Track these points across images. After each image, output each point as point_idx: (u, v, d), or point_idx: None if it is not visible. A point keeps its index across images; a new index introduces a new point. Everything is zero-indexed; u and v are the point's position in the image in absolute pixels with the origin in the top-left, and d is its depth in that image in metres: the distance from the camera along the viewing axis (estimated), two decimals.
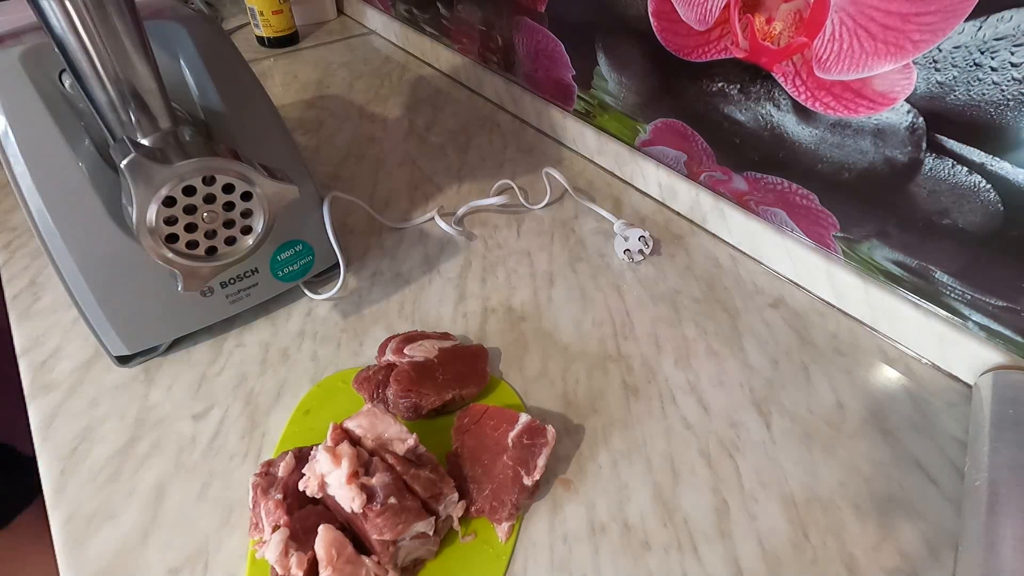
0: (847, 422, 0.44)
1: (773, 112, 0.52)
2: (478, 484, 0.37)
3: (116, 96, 0.37)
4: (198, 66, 0.47)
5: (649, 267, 0.58)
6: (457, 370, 0.44)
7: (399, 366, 0.43)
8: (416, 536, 0.33)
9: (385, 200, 0.66)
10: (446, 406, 0.43)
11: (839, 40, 0.44)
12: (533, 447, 0.38)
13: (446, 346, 0.46)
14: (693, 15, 0.54)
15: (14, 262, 0.56)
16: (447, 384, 0.43)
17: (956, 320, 0.47)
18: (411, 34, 1.00)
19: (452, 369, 0.44)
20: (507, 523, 0.36)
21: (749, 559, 0.36)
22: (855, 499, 0.40)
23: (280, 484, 0.35)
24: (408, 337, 0.46)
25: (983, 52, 0.38)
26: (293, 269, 0.50)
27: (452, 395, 0.42)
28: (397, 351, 0.45)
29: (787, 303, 0.54)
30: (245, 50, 0.68)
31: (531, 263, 0.58)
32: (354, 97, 0.88)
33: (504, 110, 0.85)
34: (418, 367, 0.43)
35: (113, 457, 0.41)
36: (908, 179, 0.45)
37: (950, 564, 0.36)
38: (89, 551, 0.36)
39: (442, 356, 0.44)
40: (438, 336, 0.47)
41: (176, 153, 0.36)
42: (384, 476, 0.34)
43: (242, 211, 0.40)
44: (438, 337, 0.47)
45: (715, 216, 0.61)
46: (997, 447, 0.38)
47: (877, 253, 0.50)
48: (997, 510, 0.35)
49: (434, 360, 0.44)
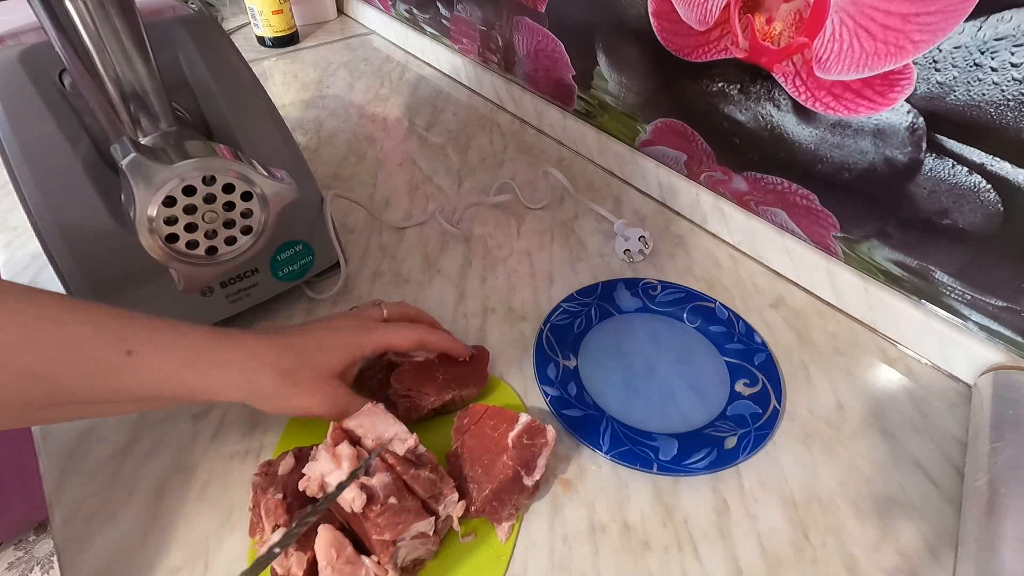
0: (847, 422, 0.44)
1: (773, 112, 0.52)
2: (478, 484, 0.37)
3: (116, 96, 0.37)
4: (198, 66, 0.47)
5: (649, 267, 0.58)
6: (458, 371, 0.44)
7: (400, 365, 0.43)
8: (416, 536, 0.33)
9: (385, 200, 0.67)
10: (446, 406, 0.43)
11: (839, 40, 0.44)
12: (533, 447, 0.38)
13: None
14: (693, 15, 0.54)
15: (14, 262, 0.56)
16: (447, 384, 0.43)
17: (956, 320, 0.47)
18: (411, 34, 1.00)
19: (453, 370, 0.44)
20: (507, 523, 0.36)
21: (749, 559, 0.36)
22: (855, 499, 0.40)
23: (280, 484, 0.35)
24: None
25: (983, 52, 0.38)
26: (293, 269, 0.50)
27: (452, 395, 0.42)
28: (398, 353, 0.45)
29: (787, 303, 0.54)
30: (245, 50, 0.68)
31: (531, 263, 0.58)
32: (354, 97, 0.88)
33: (504, 110, 0.85)
34: (419, 367, 0.43)
35: (113, 457, 0.41)
36: (908, 179, 0.45)
37: (950, 564, 0.36)
38: (89, 551, 0.36)
39: (443, 356, 0.44)
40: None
41: (176, 153, 0.36)
42: (384, 476, 0.34)
43: (242, 211, 0.40)
44: None
45: (715, 216, 0.61)
46: (997, 447, 0.38)
47: (877, 253, 0.50)
48: (997, 510, 0.35)
49: (435, 360, 0.44)
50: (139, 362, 0.31)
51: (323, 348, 0.38)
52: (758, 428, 0.43)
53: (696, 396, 0.46)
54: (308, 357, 0.37)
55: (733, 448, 0.41)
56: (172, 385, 0.32)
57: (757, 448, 0.41)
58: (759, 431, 0.42)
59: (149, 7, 0.49)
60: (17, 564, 1.07)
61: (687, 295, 0.54)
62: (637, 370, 0.48)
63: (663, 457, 0.41)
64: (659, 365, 0.48)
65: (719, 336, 0.50)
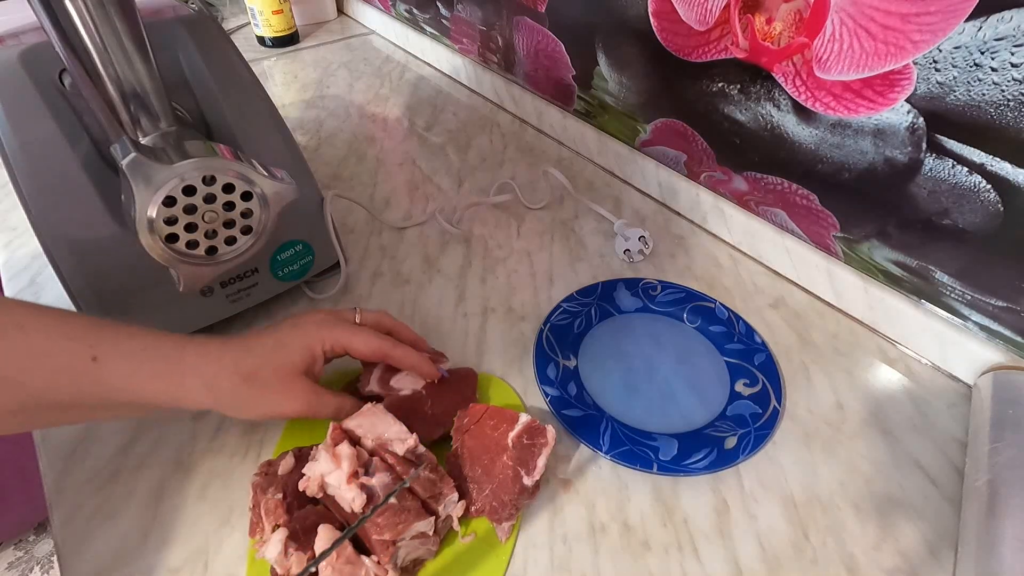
0: (847, 422, 0.44)
1: (773, 112, 0.52)
2: (478, 484, 0.37)
3: (116, 96, 0.37)
4: (198, 66, 0.47)
5: (649, 267, 0.58)
6: (447, 401, 0.41)
7: (385, 400, 0.40)
8: (416, 536, 0.33)
9: (385, 200, 0.67)
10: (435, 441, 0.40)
11: (839, 40, 0.44)
12: (533, 447, 0.38)
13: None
14: (693, 15, 0.54)
15: (14, 262, 0.56)
16: (436, 419, 0.40)
17: (956, 320, 0.47)
18: (411, 34, 1.00)
19: (442, 401, 0.41)
20: (507, 523, 0.36)
21: (749, 559, 0.36)
22: (855, 499, 0.40)
23: (280, 484, 0.35)
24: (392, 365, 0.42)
25: (983, 52, 0.38)
26: (293, 269, 0.50)
27: (441, 433, 0.40)
28: (382, 382, 0.42)
29: (787, 303, 0.54)
30: (245, 50, 0.68)
31: (531, 263, 0.58)
32: (354, 97, 0.88)
33: (504, 110, 0.85)
34: (404, 402, 0.41)
35: (113, 457, 0.41)
36: (908, 179, 0.45)
37: (950, 564, 0.36)
38: (89, 551, 0.36)
39: (430, 387, 0.42)
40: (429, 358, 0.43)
41: (176, 153, 0.36)
42: (384, 476, 0.34)
43: (242, 211, 0.40)
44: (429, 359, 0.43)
45: (715, 216, 0.61)
46: (997, 447, 0.38)
47: (877, 253, 0.50)
48: (997, 510, 0.35)
49: (422, 392, 0.42)
50: (104, 368, 0.30)
51: (283, 346, 0.37)
52: (758, 428, 0.43)
53: (696, 396, 0.46)
54: (267, 356, 0.36)
55: (733, 448, 0.41)
56: (138, 391, 0.32)
57: (757, 448, 0.41)
58: (759, 431, 0.42)
59: (149, 7, 0.49)
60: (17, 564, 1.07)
61: (687, 295, 0.54)
62: (637, 370, 0.48)
63: (663, 457, 0.41)
64: (659, 365, 0.48)
65: (719, 336, 0.50)
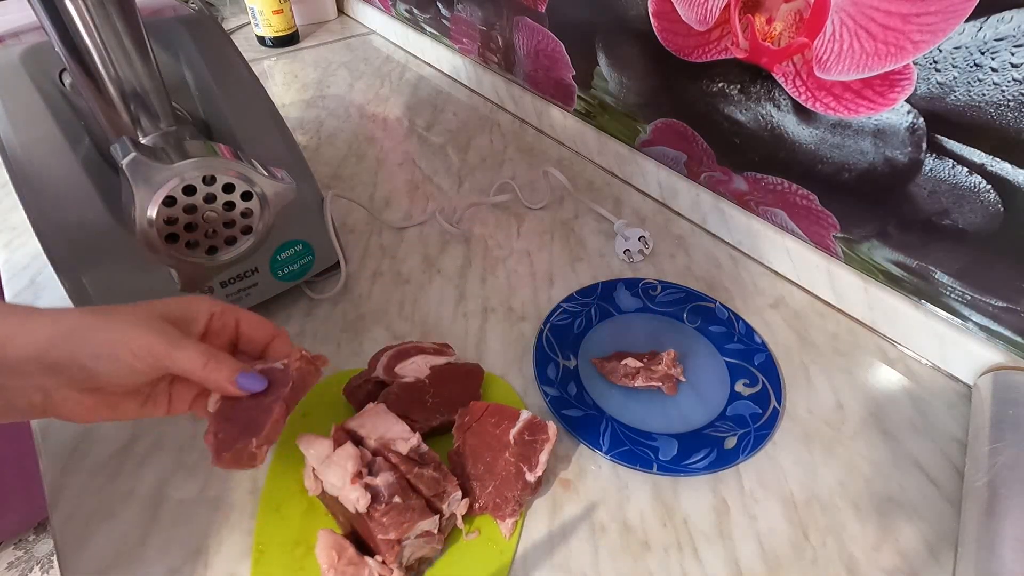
0: (847, 422, 0.44)
1: (773, 112, 0.52)
2: (481, 481, 0.37)
3: (116, 96, 0.37)
4: (198, 66, 0.47)
5: (649, 267, 0.58)
6: (449, 392, 0.42)
7: (389, 386, 0.42)
8: (421, 535, 0.33)
9: (385, 200, 0.66)
10: (435, 431, 0.41)
11: (839, 40, 0.44)
12: (535, 443, 0.38)
13: (439, 363, 0.44)
14: (693, 15, 0.54)
15: (14, 262, 0.56)
16: (436, 408, 0.41)
17: (956, 320, 0.47)
18: (411, 34, 1.00)
19: (443, 391, 0.42)
20: (511, 519, 0.36)
21: (749, 559, 0.37)
22: (855, 499, 0.40)
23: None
24: (401, 352, 0.44)
25: (983, 53, 0.38)
26: (293, 269, 0.50)
27: (440, 421, 0.41)
28: (388, 369, 0.43)
29: (787, 303, 0.54)
30: (245, 50, 0.68)
31: (531, 263, 0.58)
32: (354, 97, 0.88)
33: (504, 110, 0.85)
34: (407, 390, 0.42)
35: (113, 457, 0.41)
36: (908, 180, 0.45)
37: (950, 564, 0.36)
38: (89, 551, 0.36)
39: (434, 376, 0.43)
40: (434, 350, 0.45)
41: (176, 153, 0.36)
42: (388, 476, 0.34)
43: (242, 211, 0.40)
44: (434, 351, 0.45)
45: (715, 216, 0.61)
46: (997, 447, 0.38)
47: (877, 254, 0.50)
48: (997, 510, 0.35)
49: (425, 381, 0.42)
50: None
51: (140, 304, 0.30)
52: (758, 428, 0.43)
53: (696, 396, 0.46)
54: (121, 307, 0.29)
55: (733, 448, 0.41)
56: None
57: (757, 448, 0.41)
58: (759, 431, 0.42)
59: (149, 7, 0.49)
60: (17, 564, 1.07)
61: (687, 295, 0.54)
62: None
63: (663, 457, 0.41)
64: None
65: (719, 336, 0.50)
